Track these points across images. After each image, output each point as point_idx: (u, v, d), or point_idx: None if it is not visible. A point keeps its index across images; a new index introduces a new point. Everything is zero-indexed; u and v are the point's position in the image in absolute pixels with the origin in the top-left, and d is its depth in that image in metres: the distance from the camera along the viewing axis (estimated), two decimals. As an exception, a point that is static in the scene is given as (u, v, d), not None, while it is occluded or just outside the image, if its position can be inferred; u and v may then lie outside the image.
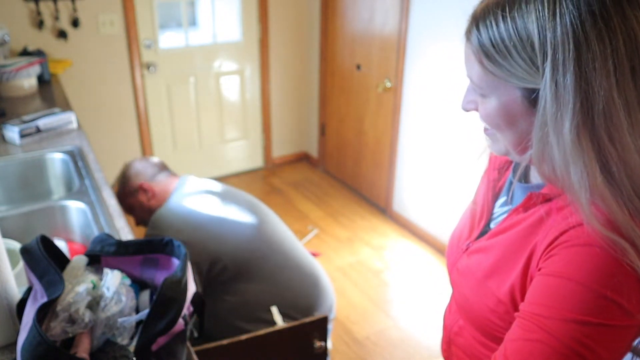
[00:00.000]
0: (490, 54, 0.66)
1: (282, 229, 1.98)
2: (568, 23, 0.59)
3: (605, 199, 0.62)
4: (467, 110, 0.77)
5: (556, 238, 0.66)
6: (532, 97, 0.65)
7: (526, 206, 0.74)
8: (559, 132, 0.62)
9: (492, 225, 0.85)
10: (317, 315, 1.85)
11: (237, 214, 1.90)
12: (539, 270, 0.68)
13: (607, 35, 0.59)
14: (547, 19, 0.60)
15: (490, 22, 0.65)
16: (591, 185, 0.62)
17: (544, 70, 0.61)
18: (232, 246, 1.82)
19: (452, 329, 0.92)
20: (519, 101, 0.67)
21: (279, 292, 1.83)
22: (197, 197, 1.91)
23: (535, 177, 0.79)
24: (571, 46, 0.59)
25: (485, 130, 0.76)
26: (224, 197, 1.95)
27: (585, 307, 0.61)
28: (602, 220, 0.62)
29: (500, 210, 0.85)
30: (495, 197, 0.87)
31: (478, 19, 0.67)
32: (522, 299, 0.70)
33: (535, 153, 0.67)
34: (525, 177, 0.82)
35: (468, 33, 0.69)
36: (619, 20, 0.59)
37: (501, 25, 0.64)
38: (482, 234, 0.84)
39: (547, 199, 0.71)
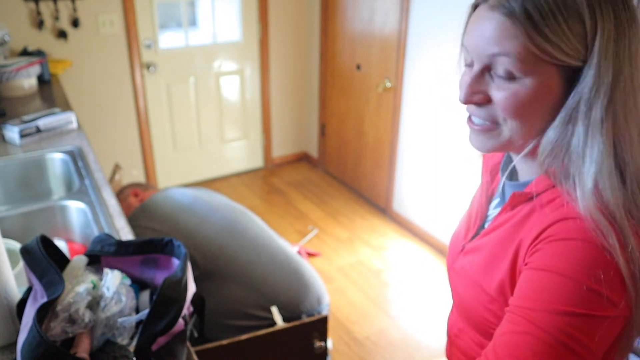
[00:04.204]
0: (541, 29, 0.63)
1: (256, 227, 2.02)
2: (612, 4, 0.63)
3: (610, 179, 0.64)
4: (470, 103, 0.72)
5: (541, 233, 0.68)
6: (567, 76, 0.66)
7: (512, 204, 0.76)
8: (590, 109, 0.64)
9: (486, 226, 0.86)
10: (317, 315, 1.86)
11: (207, 212, 1.98)
12: (526, 265, 0.69)
13: (633, 21, 0.64)
14: None
15: None
16: (602, 164, 0.64)
17: (591, 47, 0.63)
18: (202, 240, 1.86)
19: (452, 331, 0.93)
20: (556, 80, 0.66)
21: (256, 288, 1.84)
22: (171, 196, 2.04)
23: (523, 175, 0.79)
24: (613, 26, 0.63)
25: (486, 124, 0.72)
26: (197, 197, 2.06)
27: (569, 298, 0.62)
28: (596, 204, 0.64)
29: (494, 212, 0.86)
30: (489, 199, 0.88)
31: None
32: (512, 295, 0.71)
33: (553, 136, 0.68)
34: (514, 176, 0.83)
35: (505, 5, 0.64)
36: (634, 10, 0.64)
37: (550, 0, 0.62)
38: (477, 234, 0.85)
39: (531, 197, 0.72)
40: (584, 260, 0.63)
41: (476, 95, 0.71)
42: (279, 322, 1.79)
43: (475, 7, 0.71)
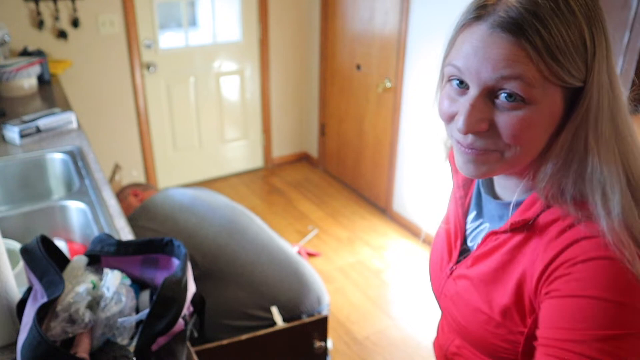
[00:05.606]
0: (552, 51, 0.60)
1: (256, 227, 2.03)
2: (601, 22, 0.63)
3: (629, 203, 0.64)
4: (474, 132, 0.66)
5: (554, 258, 0.65)
6: (569, 97, 0.64)
7: (505, 231, 0.73)
8: (599, 128, 0.64)
9: (468, 242, 0.84)
10: (317, 315, 1.86)
11: (207, 212, 1.98)
12: (547, 294, 0.65)
13: (607, 38, 0.64)
14: (589, 17, 0.62)
15: (548, 20, 0.60)
16: (621, 187, 0.63)
17: (591, 66, 0.63)
18: (201, 240, 1.87)
19: (448, 349, 0.89)
20: (559, 102, 0.64)
21: (256, 288, 1.84)
22: (171, 196, 2.04)
23: (504, 194, 0.77)
24: (605, 44, 0.63)
25: (486, 151, 0.67)
26: (197, 197, 2.06)
27: (611, 321, 0.60)
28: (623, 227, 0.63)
29: (472, 225, 0.84)
30: (465, 214, 0.86)
31: (533, 16, 0.60)
32: (522, 322, 0.69)
33: (557, 159, 0.66)
34: (490, 191, 0.81)
35: (512, 24, 0.61)
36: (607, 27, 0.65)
37: (557, 21, 0.60)
38: (462, 253, 0.83)
39: (526, 223, 0.70)
40: (613, 279, 0.61)
41: (481, 122, 0.65)
42: (279, 322, 1.79)
43: (463, 24, 0.67)
